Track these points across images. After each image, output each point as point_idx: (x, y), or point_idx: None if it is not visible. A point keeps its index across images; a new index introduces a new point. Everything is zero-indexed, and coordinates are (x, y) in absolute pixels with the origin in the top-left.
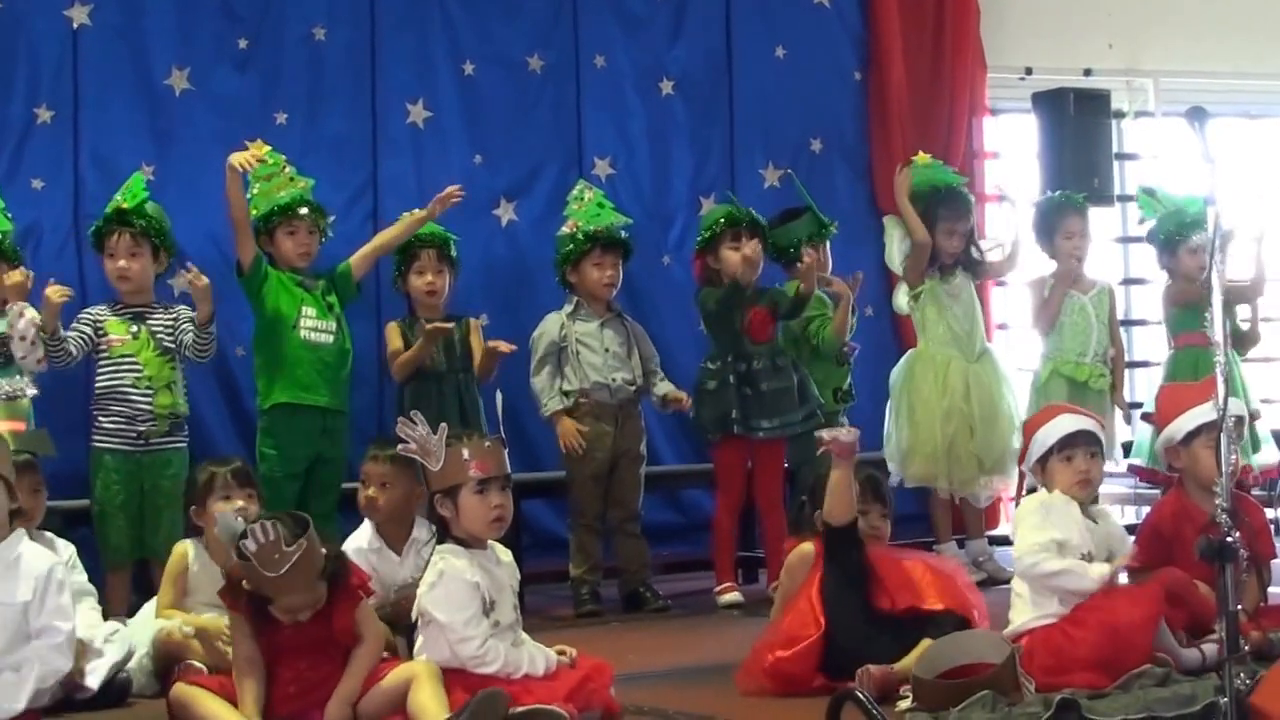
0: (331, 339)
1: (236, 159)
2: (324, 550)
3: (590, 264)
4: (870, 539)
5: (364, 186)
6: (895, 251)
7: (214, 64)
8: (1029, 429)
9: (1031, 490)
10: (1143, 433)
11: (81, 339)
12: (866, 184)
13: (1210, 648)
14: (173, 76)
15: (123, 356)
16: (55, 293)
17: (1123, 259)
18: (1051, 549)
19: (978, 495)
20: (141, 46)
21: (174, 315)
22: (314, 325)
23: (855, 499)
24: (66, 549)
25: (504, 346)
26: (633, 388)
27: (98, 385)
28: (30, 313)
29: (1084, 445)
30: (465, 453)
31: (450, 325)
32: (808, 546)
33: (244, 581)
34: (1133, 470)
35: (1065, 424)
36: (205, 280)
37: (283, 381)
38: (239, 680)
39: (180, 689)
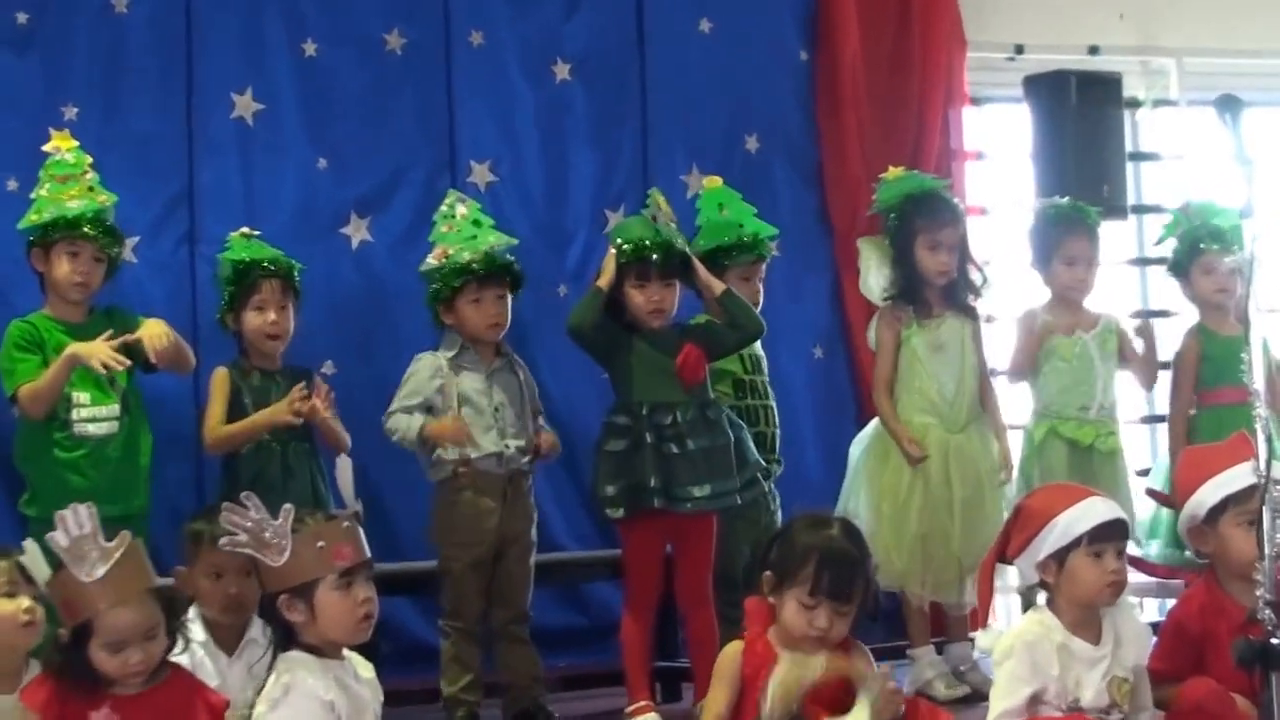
0: (116, 427)
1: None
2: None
3: (466, 302)
4: (813, 640)
5: (177, 199)
6: (872, 280)
7: None
8: (1035, 511)
9: (1028, 597)
10: (1151, 513)
11: None
12: (815, 192)
13: None
14: None
15: None
16: None
17: (1139, 286)
18: None
19: (960, 603)
20: None
21: None
22: (89, 415)
23: None
24: None
25: (319, 406)
26: (526, 457)
27: None
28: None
29: (1116, 540)
30: (319, 539)
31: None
32: (739, 645)
33: (59, 636)
34: (1137, 565)
35: (1099, 510)
36: None
37: (50, 491)
38: None
39: None
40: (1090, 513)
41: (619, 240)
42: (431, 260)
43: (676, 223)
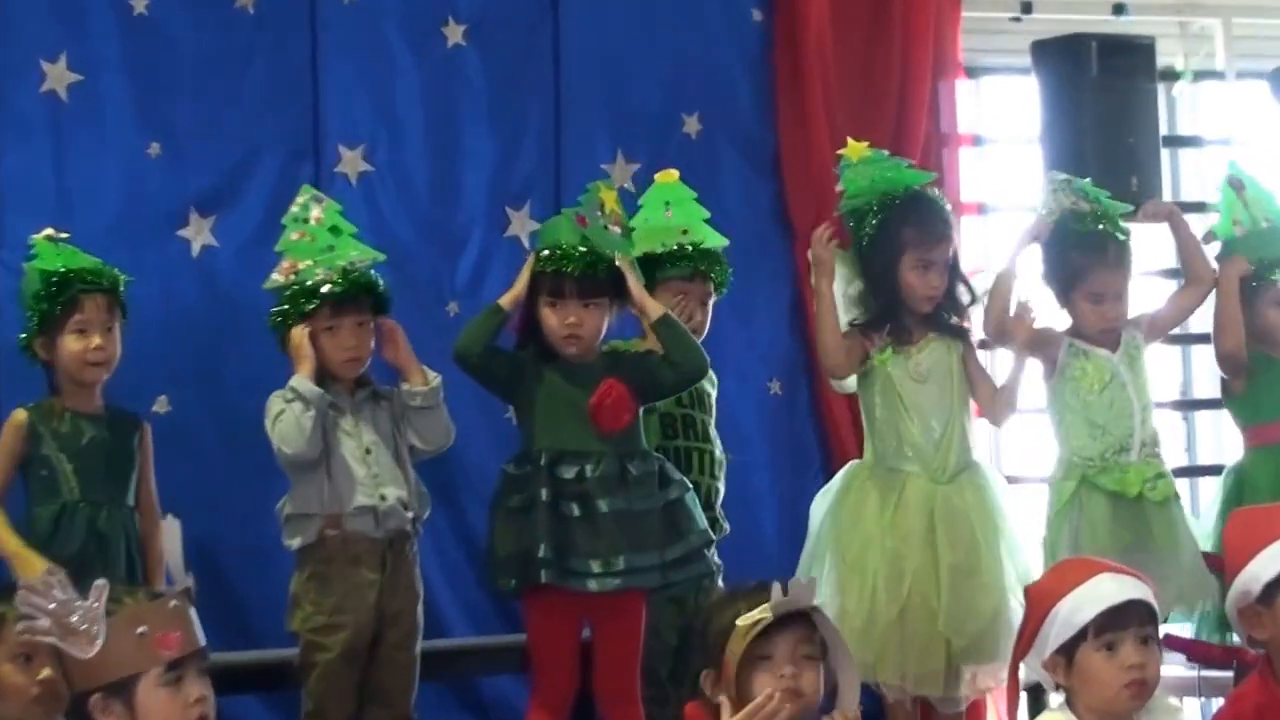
0: None
1: None
2: None
3: (319, 329)
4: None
5: None
6: (840, 303)
7: None
8: (1037, 596)
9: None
10: None
11: None
12: (772, 185)
13: None
14: None
15: None
16: None
17: None
18: None
19: (953, 698)
20: None
21: None
22: None
23: None
24: None
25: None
26: (409, 513)
27: None
28: None
29: (1135, 626)
30: (140, 623)
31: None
32: None
33: None
34: (1172, 643)
35: (1106, 591)
36: None
37: None
38: None
39: None
40: (1096, 595)
41: (538, 246)
42: (278, 276)
43: (624, 227)
